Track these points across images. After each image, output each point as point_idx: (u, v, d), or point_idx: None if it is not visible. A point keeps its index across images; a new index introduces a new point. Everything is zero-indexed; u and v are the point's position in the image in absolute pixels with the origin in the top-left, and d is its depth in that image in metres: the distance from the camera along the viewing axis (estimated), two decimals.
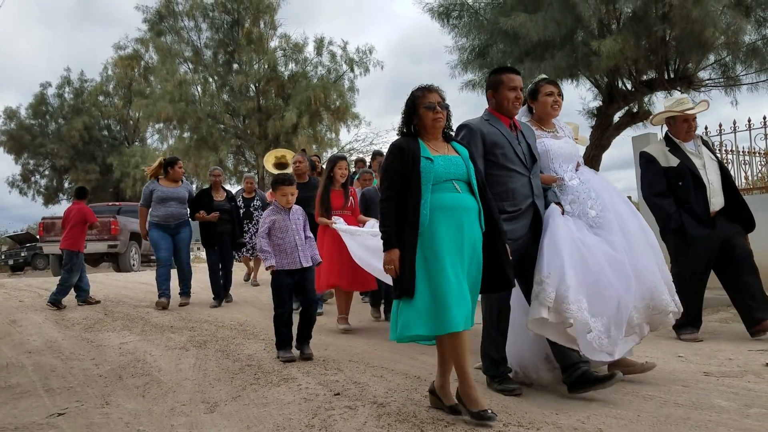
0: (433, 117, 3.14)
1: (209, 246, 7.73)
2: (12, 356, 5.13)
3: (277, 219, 4.68)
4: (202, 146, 17.82)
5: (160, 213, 7.42)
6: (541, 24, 6.33)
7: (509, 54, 7.90)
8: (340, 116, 18.96)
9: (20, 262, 25.36)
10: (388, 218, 3.10)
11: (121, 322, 6.67)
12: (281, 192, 4.68)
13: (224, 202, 7.79)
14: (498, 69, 3.71)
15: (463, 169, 3.14)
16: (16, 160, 28.65)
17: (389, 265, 3.05)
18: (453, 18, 8.59)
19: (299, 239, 4.70)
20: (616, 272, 3.39)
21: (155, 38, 19.09)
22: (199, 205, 7.56)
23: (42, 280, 12.96)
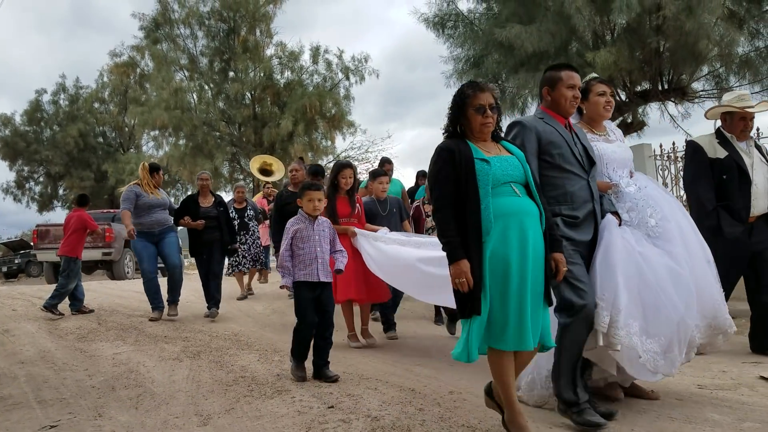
0: (482, 121, 2.91)
1: (197, 255, 7.43)
2: (4, 366, 5.09)
3: (300, 228, 4.40)
4: (197, 154, 17.80)
5: (146, 220, 7.16)
6: (536, 35, 6.36)
7: (504, 64, 7.94)
8: (336, 124, 18.97)
9: (14, 269, 25.29)
10: (447, 227, 2.84)
11: (115, 332, 6.63)
12: (308, 197, 4.38)
13: (211, 208, 7.40)
14: (555, 65, 3.45)
15: (520, 170, 2.92)
16: (10, 166, 28.61)
17: (459, 278, 2.75)
18: (448, 28, 8.64)
19: (321, 252, 4.38)
20: (678, 288, 3.16)
21: (151, 46, 19.09)
22: (185, 212, 7.25)
23: (36, 288, 12.90)
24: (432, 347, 5.53)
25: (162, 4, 19.04)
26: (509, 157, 2.94)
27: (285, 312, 7.76)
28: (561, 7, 6.20)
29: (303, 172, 6.89)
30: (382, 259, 5.29)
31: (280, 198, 6.68)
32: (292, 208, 5.81)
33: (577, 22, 6.15)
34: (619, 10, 5.96)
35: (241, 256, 8.85)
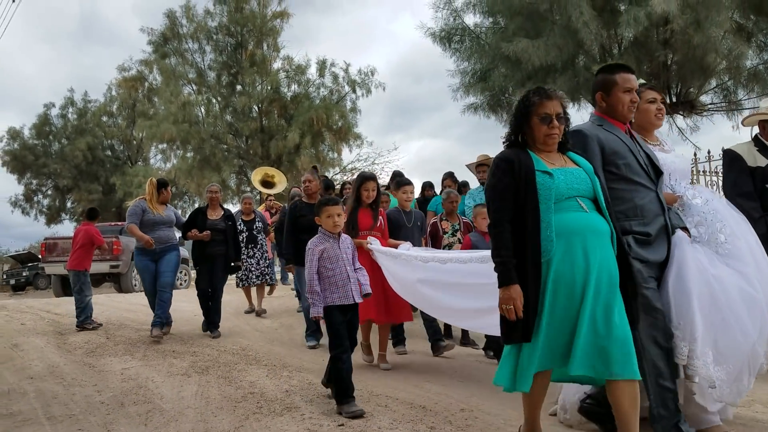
0: (547, 132, 2.67)
1: (202, 267, 7.23)
2: (14, 382, 5.09)
3: (326, 248, 4.06)
4: (204, 166, 17.89)
5: (150, 237, 6.89)
6: (543, 49, 6.37)
7: (511, 78, 7.95)
8: (342, 136, 19.05)
9: (22, 281, 25.42)
10: (503, 246, 2.61)
11: (123, 346, 6.63)
12: (326, 213, 4.09)
13: (219, 221, 7.21)
14: (609, 67, 3.19)
15: (587, 183, 2.68)
16: (18, 179, 28.80)
17: (508, 305, 2.55)
18: (454, 42, 8.66)
19: (351, 270, 4.09)
20: (751, 312, 2.90)
21: (159, 60, 19.25)
22: (192, 224, 7.12)
23: (44, 301, 12.93)
24: (442, 363, 5.49)
25: (170, 19, 19.22)
26: (575, 170, 2.72)
27: (292, 326, 7.75)
28: (568, 22, 6.21)
29: (317, 183, 6.67)
30: (405, 277, 4.95)
31: (295, 209, 6.46)
32: (307, 220, 5.81)
33: (584, 36, 6.16)
34: (626, 23, 5.97)
35: (248, 270, 8.57)
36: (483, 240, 5.42)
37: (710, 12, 5.54)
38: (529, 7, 6.38)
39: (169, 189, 7.29)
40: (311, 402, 4.10)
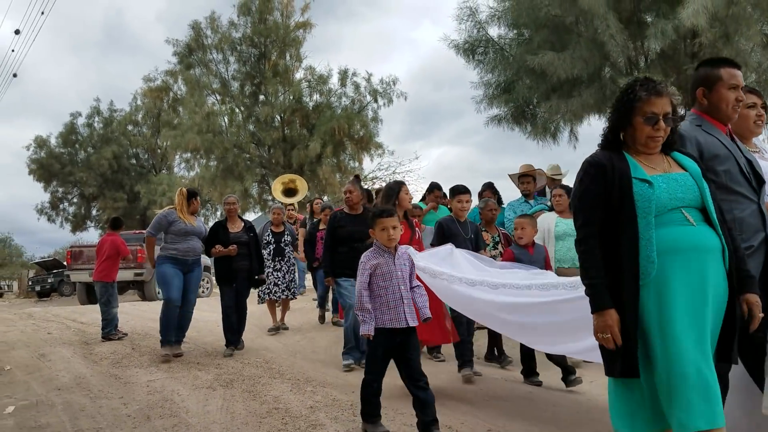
0: (651, 134, 2.31)
1: (226, 283, 6.89)
2: (42, 393, 5.16)
3: (379, 263, 3.73)
4: (227, 176, 18.04)
5: (180, 246, 6.66)
6: (569, 62, 6.32)
7: (535, 89, 7.90)
8: (364, 146, 19.10)
9: (47, 288, 25.78)
10: (592, 267, 2.29)
11: (148, 357, 6.69)
12: (381, 226, 3.72)
13: (241, 234, 6.95)
14: (713, 61, 2.87)
15: (694, 190, 2.30)
16: (45, 187, 29.29)
17: (604, 333, 2.23)
18: (478, 54, 8.64)
19: (405, 290, 3.71)
20: None
21: (184, 71, 19.50)
22: (214, 239, 6.82)
23: (70, 309, 13.12)
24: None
25: (195, 31, 19.46)
26: (680, 175, 2.33)
27: (315, 338, 7.76)
28: (594, 34, 6.15)
29: (359, 193, 6.21)
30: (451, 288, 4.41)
31: (334, 219, 6.09)
32: (346, 231, 5.81)
33: (611, 48, 6.11)
34: (653, 36, 5.91)
35: (273, 284, 8.11)
36: (526, 253, 5.15)
37: (739, 25, 5.46)
38: (555, 20, 6.34)
39: (198, 199, 7.02)
40: (336, 419, 4.08)
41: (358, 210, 6.04)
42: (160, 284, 6.72)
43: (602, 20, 5.94)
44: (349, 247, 5.70)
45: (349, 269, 5.48)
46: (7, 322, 10.33)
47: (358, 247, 5.22)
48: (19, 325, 9.84)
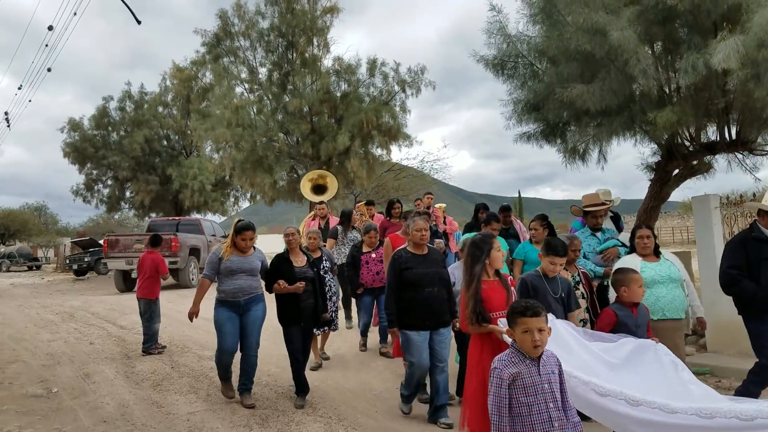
0: None
1: (292, 324, 6.03)
2: (89, 427, 5.44)
3: (520, 372, 2.93)
4: (257, 167, 18.25)
5: (227, 287, 5.95)
6: (598, 95, 6.29)
7: (566, 108, 7.82)
8: (392, 137, 19.10)
9: (84, 266, 26.62)
10: None
11: (188, 380, 6.98)
12: (523, 327, 2.95)
13: (306, 269, 6.20)
14: None
15: None
16: (80, 170, 29.93)
17: None
18: (507, 69, 8.59)
19: (555, 409, 2.91)
20: None
21: (212, 62, 19.61)
22: (277, 274, 6.03)
23: (108, 305, 13.54)
24: None
25: (223, 20, 19.49)
26: None
27: (355, 372, 7.93)
28: (625, 67, 6.10)
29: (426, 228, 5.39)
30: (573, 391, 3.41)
31: (399, 261, 5.29)
32: (414, 274, 5.13)
33: (642, 83, 6.06)
34: (684, 71, 5.84)
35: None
36: (630, 315, 4.32)
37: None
38: (585, 53, 6.30)
39: (248, 234, 6.03)
40: None
41: (425, 250, 5.37)
42: (216, 328, 6.08)
43: (632, 54, 5.89)
44: (418, 292, 5.13)
45: (419, 319, 5.11)
46: (51, 327, 10.80)
47: (429, 292, 5.09)
48: (62, 332, 10.28)
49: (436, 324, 5.16)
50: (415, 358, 5.15)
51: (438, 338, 5.19)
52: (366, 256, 7.80)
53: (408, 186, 25.99)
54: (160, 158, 30.17)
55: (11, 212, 59.08)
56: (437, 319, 5.16)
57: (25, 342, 9.41)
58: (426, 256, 5.31)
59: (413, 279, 5.14)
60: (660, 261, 5.16)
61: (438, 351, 5.19)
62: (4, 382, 6.92)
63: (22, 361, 8.01)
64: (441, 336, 5.20)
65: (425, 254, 5.33)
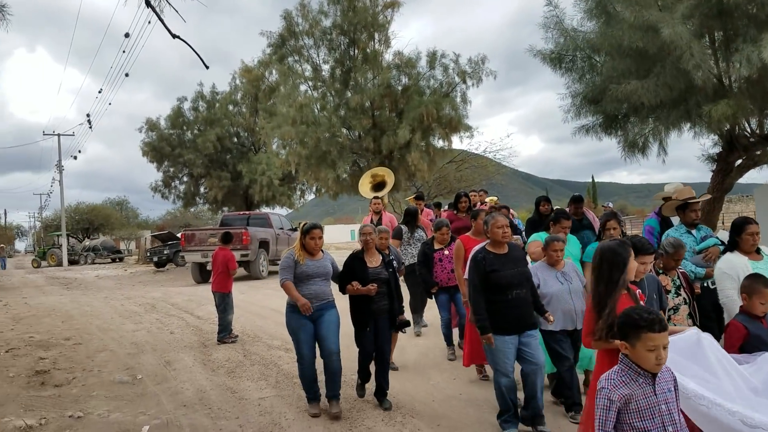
0: None
1: (364, 326, 5.79)
2: (171, 411, 5.95)
3: (632, 394, 2.59)
4: (321, 163, 18.81)
5: (301, 292, 5.60)
6: (653, 90, 6.29)
7: (624, 100, 7.83)
8: (453, 128, 19.22)
9: (163, 259, 28.14)
10: None
11: (258, 367, 7.47)
12: (649, 344, 2.56)
13: (381, 269, 5.89)
14: None
15: None
16: (157, 167, 31.63)
17: None
18: (565, 63, 8.63)
19: (674, 429, 2.58)
20: None
21: (277, 63, 20.26)
22: (350, 275, 5.77)
23: (186, 296, 14.40)
24: None
25: (287, 20, 20.09)
26: None
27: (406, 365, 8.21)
28: (678, 62, 6.10)
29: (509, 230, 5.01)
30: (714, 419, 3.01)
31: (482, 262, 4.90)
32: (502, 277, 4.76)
33: (696, 77, 6.04)
34: (739, 64, 5.80)
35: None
36: (760, 327, 3.78)
37: None
38: (638, 49, 6.31)
39: (316, 233, 5.72)
40: None
41: (506, 248, 4.99)
42: (291, 336, 5.84)
43: (686, 49, 5.88)
44: (505, 295, 4.78)
45: (506, 323, 4.76)
46: (135, 318, 11.65)
47: (517, 294, 4.75)
48: (145, 322, 11.08)
49: (523, 327, 4.81)
50: (500, 366, 4.79)
51: (526, 340, 4.79)
52: (439, 253, 7.38)
53: (470, 177, 26.04)
54: (231, 155, 31.43)
55: (95, 207, 62.55)
56: (525, 322, 4.82)
57: (111, 332, 10.21)
58: (509, 255, 4.92)
59: (502, 282, 4.76)
60: (764, 259, 4.65)
61: (530, 353, 4.78)
62: (93, 370, 7.61)
63: (109, 350, 8.73)
64: (529, 337, 4.81)
65: (507, 253, 4.94)
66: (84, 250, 45.69)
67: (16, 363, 7.96)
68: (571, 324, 5.13)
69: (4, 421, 5.65)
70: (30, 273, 33.86)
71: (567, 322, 5.13)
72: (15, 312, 12.92)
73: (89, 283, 23.19)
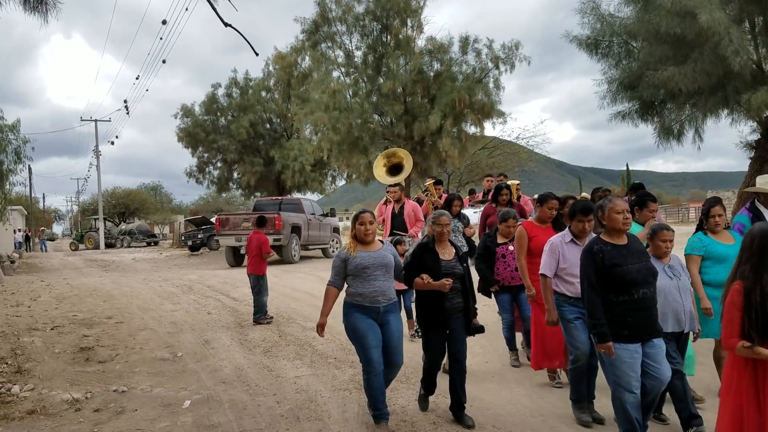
0: None
1: (435, 327, 5.00)
2: (210, 387, 6.17)
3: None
4: (353, 148, 18.96)
5: (365, 289, 4.77)
6: (690, 76, 6.25)
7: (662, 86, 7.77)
8: (485, 114, 19.16)
9: (198, 243, 28.70)
10: None
11: (293, 348, 7.67)
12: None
13: (454, 263, 5.05)
14: None
15: None
16: (192, 153, 32.19)
17: None
18: (602, 48, 8.58)
19: None
20: None
21: (311, 49, 20.41)
22: (420, 268, 4.97)
23: (222, 279, 14.73)
24: None
25: (321, 6, 20.20)
26: None
27: None
28: (716, 48, 6.05)
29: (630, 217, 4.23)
30: None
31: (599, 254, 4.07)
32: (627, 273, 3.97)
33: (734, 63, 5.98)
34: None
35: None
36: None
37: None
38: (676, 35, 6.26)
39: (365, 217, 4.90)
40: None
41: (624, 239, 4.16)
42: (352, 340, 4.91)
43: (724, 35, 5.83)
44: (631, 295, 3.98)
45: (630, 329, 3.96)
46: (173, 299, 11.98)
47: (644, 294, 3.97)
48: (183, 303, 11.41)
49: (650, 334, 4.04)
50: (623, 381, 3.96)
51: (651, 351, 4.04)
52: (502, 248, 6.55)
53: (502, 163, 25.93)
54: (264, 141, 31.82)
55: (131, 192, 63.97)
56: (652, 328, 4.06)
57: (151, 312, 10.54)
58: (629, 247, 4.09)
59: (627, 279, 3.95)
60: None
61: (655, 367, 4.03)
62: (135, 347, 7.90)
63: (150, 329, 9.04)
64: (656, 348, 4.06)
65: (627, 244, 4.11)
66: (120, 233, 46.85)
67: (61, 340, 8.30)
68: (678, 326, 4.57)
69: (52, 394, 5.93)
70: (68, 255, 34.89)
71: (675, 324, 4.56)
72: (58, 292, 13.39)
73: (126, 265, 23.81)
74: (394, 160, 12.05)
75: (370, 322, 4.79)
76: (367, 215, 4.90)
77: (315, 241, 21.22)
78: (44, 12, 6.51)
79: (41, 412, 5.43)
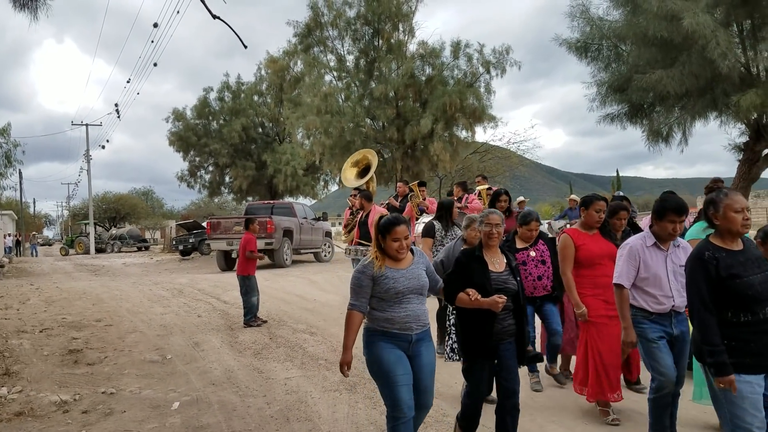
0: None
1: (481, 355, 4.04)
2: (200, 388, 6.15)
3: None
4: (345, 152, 18.97)
5: (395, 314, 3.76)
6: (678, 79, 6.31)
7: (651, 89, 7.83)
8: (477, 118, 19.23)
9: (189, 247, 28.55)
10: None
11: (284, 350, 7.65)
12: None
13: (506, 276, 4.10)
14: None
15: None
16: (183, 157, 32.12)
17: None
18: (591, 51, 8.64)
19: None
20: None
21: (303, 53, 20.44)
22: (467, 280, 4.02)
23: (213, 282, 14.69)
24: None
25: (313, 10, 20.24)
26: None
27: None
28: (704, 51, 6.11)
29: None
30: None
31: (715, 265, 3.22)
32: (748, 287, 3.11)
33: (722, 66, 6.04)
34: (766, 52, 5.80)
35: None
36: None
37: None
38: (663, 39, 6.32)
39: (400, 231, 3.73)
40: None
41: (740, 243, 3.31)
42: (375, 376, 3.84)
43: (711, 38, 5.89)
44: (755, 313, 3.14)
45: (754, 357, 3.11)
46: (163, 302, 11.93)
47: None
48: (173, 306, 11.36)
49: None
50: (745, 420, 3.10)
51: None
52: (523, 254, 5.67)
53: (494, 168, 26.01)
54: (256, 145, 31.80)
55: (122, 197, 63.69)
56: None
57: (141, 314, 10.49)
58: (746, 254, 3.26)
59: (751, 294, 3.11)
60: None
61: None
62: (124, 350, 7.86)
63: (139, 332, 8.99)
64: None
65: (743, 250, 3.28)
66: (111, 238, 46.56)
67: (50, 342, 8.25)
68: None
69: (40, 396, 5.90)
70: (58, 260, 34.66)
71: None
72: (47, 295, 13.31)
73: (117, 269, 23.68)
74: (363, 164, 12.06)
75: (400, 354, 3.78)
76: (403, 228, 3.77)
77: (307, 245, 21.18)
78: (33, 9, 6.47)
79: (29, 413, 5.39)
